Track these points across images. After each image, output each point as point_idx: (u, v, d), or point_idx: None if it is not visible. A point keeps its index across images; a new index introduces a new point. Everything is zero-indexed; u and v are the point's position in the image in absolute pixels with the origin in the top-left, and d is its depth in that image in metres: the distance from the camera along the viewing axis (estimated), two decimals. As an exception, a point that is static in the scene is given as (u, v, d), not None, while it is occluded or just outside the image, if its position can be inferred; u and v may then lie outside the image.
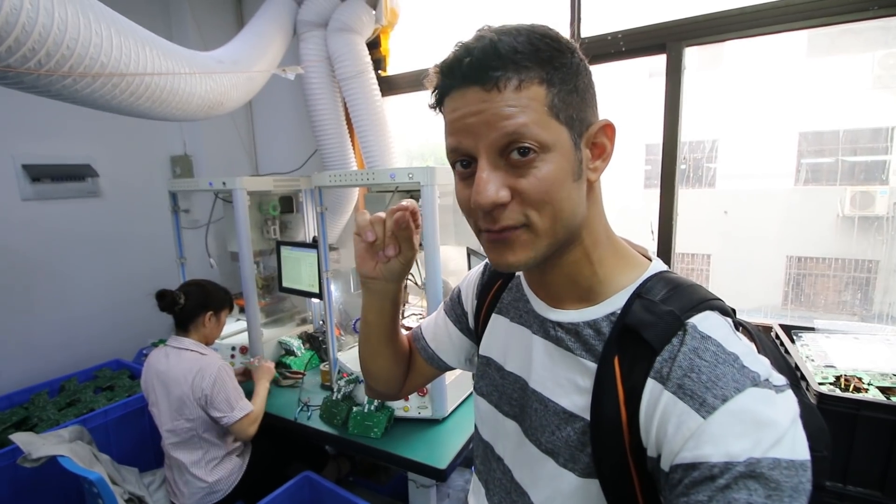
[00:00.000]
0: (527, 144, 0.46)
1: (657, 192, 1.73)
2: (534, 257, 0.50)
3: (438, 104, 0.53)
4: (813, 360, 1.20)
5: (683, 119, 1.64)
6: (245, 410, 1.52)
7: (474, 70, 0.46)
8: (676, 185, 1.68)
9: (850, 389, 1.06)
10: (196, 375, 1.48)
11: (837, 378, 1.11)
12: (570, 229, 0.51)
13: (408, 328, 1.48)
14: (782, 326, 1.41)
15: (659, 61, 1.66)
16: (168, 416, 1.51)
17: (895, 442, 0.96)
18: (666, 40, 1.61)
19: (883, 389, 1.05)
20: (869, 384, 1.07)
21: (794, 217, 3.34)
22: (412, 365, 0.83)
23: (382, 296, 0.69)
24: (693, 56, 1.64)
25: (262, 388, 1.66)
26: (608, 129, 0.52)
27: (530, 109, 0.46)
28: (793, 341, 1.33)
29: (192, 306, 1.59)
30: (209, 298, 1.63)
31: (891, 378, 1.09)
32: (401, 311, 0.80)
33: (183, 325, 1.60)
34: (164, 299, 1.56)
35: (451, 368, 0.83)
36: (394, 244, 0.63)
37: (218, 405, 1.49)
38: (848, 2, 1.35)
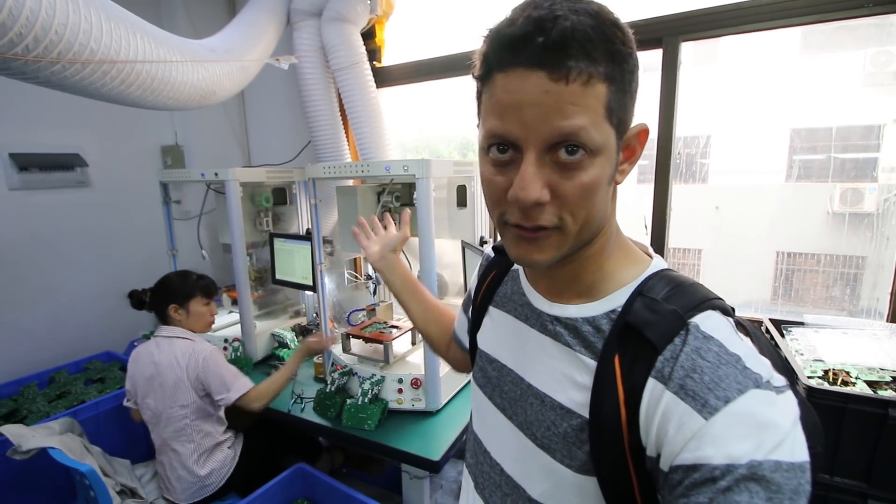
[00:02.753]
0: (579, 145, 0.44)
1: (650, 186, 1.74)
2: (558, 257, 0.49)
3: (485, 76, 0.47)
4: (802, 354, 1.22)
5: (678, 114, 1.64)
6: (242, 390, 1.52)
7: (546, 53, 0.42)
8: (671, 179, 1.69)
9: (839, 383, 1.08)
10: (189, 358, 1.50)
11: (826, 372, 1.12)
12: (594, 232, 0.50)
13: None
14: (772, 321, 1.43)
15: (652, 57, 1.66)
16: (163, 405, 1.50)
17: (881, 434, 0.98)
18: (663, 34, 1.61)
19: (870, 383, 1.07)
20: (856, 378, 1.09)
21: (784, 213, 3.37)
22: (456, 354, 0.89)
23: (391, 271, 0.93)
24: (688, 52, 1.64)
25: (288, 363, 1.63)
26: (643, 134, 0.51)
27: (591, 110, 0.43)
28: (783, 335, 1.35)
29: (156, 301, 1.61)
30: (169, 292, 1.61)
31: (878, 372, 1.11)
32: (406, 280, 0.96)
33: (161, 320, 1.62)
34: (134, 298, 1.61)
35: None
36: None
37: (214, 386, 1.51)
38: (843, -2, 1.36)
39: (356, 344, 1.72)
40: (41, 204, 2.03)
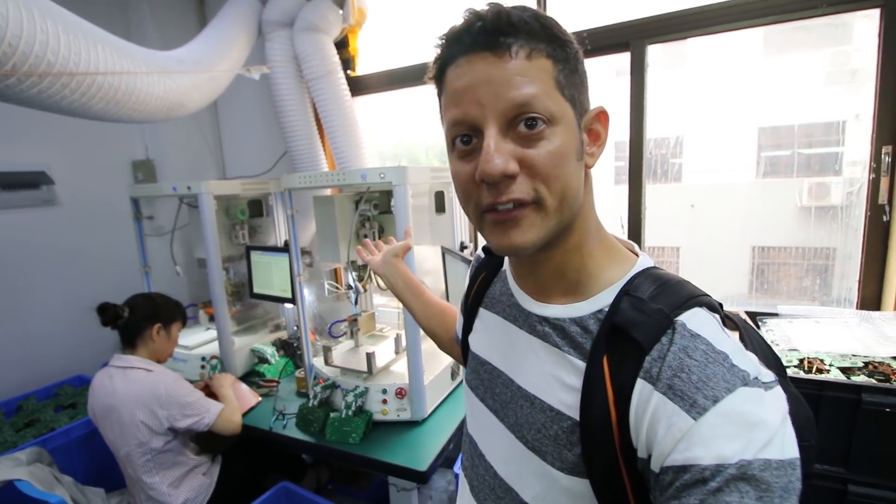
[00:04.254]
0: (536, 115, 0.45)
1: (626, 187, 1.76)
2: (542, 238, 0.49)
3: (439, 75, 0.51)
4: (777, 345, 1.24)
5: (649, 115, 1.68)
6: (217, 408, 1.50)
7: (486, 35, 0.45)
8: (644, 179, 1.72)
9: (813, 371, 1.10)
10: (148, 396, 1.40)
11: (801, 361, 1.15)
12: (573, 211, 0.50)
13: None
14: (748, 313, 1.46)
15: (624, 60, 1.69)
16: (122, 441, 1.42)
17: (857, 419, 1.00)
18: (629, 38, 1.64)
19: (843, 370, 1.09)
20: (830, 365, 1.12)
21: (756, 209, 3.47)
22: (460, 353, 0.86)
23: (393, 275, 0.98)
24: (657, 54, 1.68)
25: (226, 391, 1.62)
26: (602, 116, 0.52)
27: (539, 80, 0.45)
28: (758, 327, 1.38)
29: (138, 319, 1.51)
30: (157, 310, 1.55)
31: (850, 358, 1.14)
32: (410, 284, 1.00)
33: (129, 341, 1.52)
34: (106, 313, 1.47)
35: None
36: None
37: (188, 413, 1.43)
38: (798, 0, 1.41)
39: (338, 355, 1.70)
40: (5, 224, 1.95)
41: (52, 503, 1.25)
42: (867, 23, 1.48)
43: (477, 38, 0.45)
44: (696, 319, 0.46)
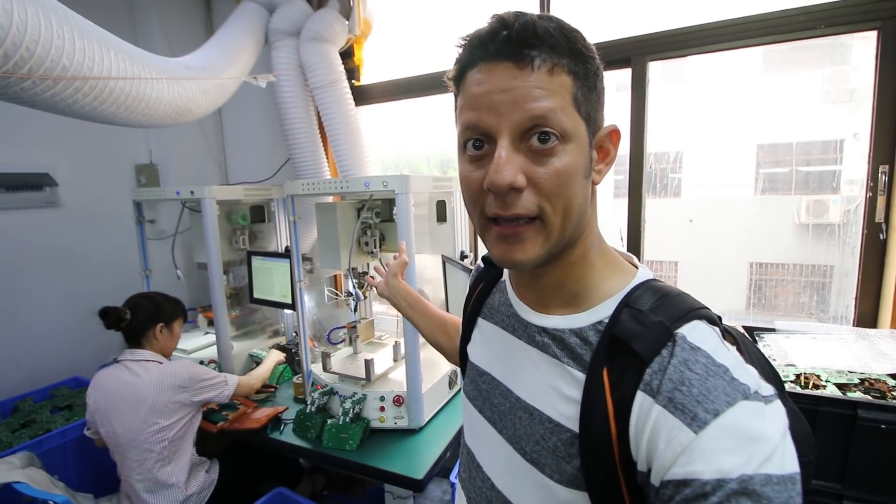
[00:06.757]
0: (550, 130, 0.45)
1: (626, 201, 1.78)
2: (543, 255, 0.49)
3: (459, 78, 0.51)
4: (774, 360, 1.25)
5: (650, 130, 1.70)
6: (234, 379, 1.60)
7: (510, 45, 0.45)
8: (643, 194, 1.74)
9: (810, 387, 1.11)
10: (174, 379, 1.46)
11: (798, 376, 1.15)
12: (576, 228, 0.50)
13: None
14: (745, 328, 1.47)
15: (625, 75, 1.72)
16: (137, 427, 1.42)
17: (852, 435, 1.00)
18: (631, 54, 1.67)
19: (839, 385, 1.10)
20: (826, 381, 1.12)
21: (754, 225, 3.49)
22: None
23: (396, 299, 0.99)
24: (658, 70, 1.71)
25: (267, 362, 1.83)
26: (614, 134, 0.53)
27: (558, 96, 0.46)
28: (755, 342, 1.39)
29: (141, 320, 1.54)
30: (158, 310, 1.58)
31: (846, 374, 1.14)
32: (413, 302, 1.01)
33: (134, 341, 1.54)
34: (109, 317, 1.48)
35: None
36: None
37: (210, 386, 1.52)
38: (797, 21, 1.44)
39: (337, 362, 1.70)
40: (7, 225, 1.96)
41: (58, 502, 1.24)
42: (865, 43, 1.51)
43: (501, 48, 0.46)
44: (696, 332, 0.46)
